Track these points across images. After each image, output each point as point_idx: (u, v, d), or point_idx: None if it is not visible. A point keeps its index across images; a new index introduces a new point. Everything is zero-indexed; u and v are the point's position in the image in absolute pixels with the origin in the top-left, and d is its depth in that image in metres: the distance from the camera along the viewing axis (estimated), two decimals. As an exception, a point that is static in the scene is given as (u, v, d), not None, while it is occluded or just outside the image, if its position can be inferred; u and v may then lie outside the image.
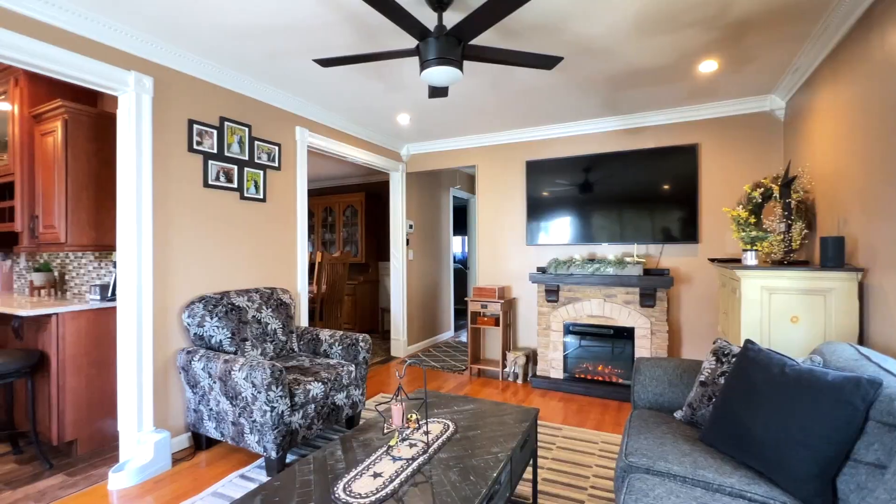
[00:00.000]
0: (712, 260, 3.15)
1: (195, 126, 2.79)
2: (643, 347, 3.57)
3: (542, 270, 3.97)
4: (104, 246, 2.87)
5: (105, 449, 2.69)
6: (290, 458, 2.56)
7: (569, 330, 3.89)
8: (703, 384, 1.87)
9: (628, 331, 3.68)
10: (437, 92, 2.58)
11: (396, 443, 1.66)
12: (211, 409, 2.49)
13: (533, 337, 4.35)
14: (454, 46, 2.01)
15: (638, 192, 3.81)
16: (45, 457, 2.47)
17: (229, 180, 3.01)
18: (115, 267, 2.98)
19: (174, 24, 2.35)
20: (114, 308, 2.74)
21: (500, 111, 3.79)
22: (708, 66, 2.87)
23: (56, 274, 3.34)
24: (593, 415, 3.25)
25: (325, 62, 2.23)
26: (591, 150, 4.10)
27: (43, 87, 2.88)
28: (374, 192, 6.71)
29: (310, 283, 5.22)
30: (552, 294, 3.87)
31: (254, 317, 2.87)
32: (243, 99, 3.12)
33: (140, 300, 2.47)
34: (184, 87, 2.74)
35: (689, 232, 3.65)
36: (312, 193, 7.25)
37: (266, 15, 2.26)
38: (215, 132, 2.92)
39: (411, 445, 1.68)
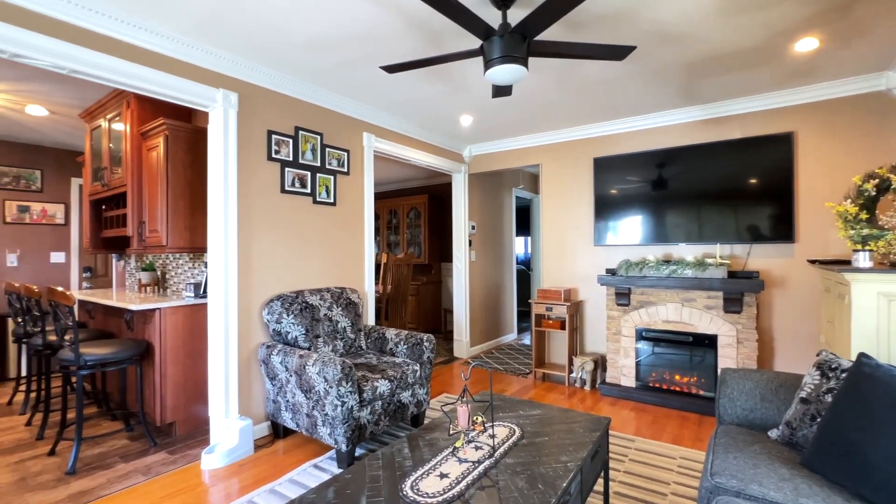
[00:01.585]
0: (813, 261, 2.80)
1: (273, 136, 3.00)
2: (728, 357, 3.26)
3: (611, 272, 3.77)
4: (197, 248, 3.17)
5: (198, 432, 2.97)
6: (358, 451, 2.65)
7: (641, 336, 3.66)
8: (805, 401, 1.66)
9: (710, 338, 3.38)
10: (501, 91, 2.54)
11: (462, 444, 1.65)
12: (287, 401, 2.66)
13: (601, 342, 4.15)
14: (519, 43, 1.97)
15: (720, 188, 3.50)
16: (151, 435, 2.78)
17: (303, 186, 3.20)
18: (206, 267, 3.28)
19: (255, 43, 2.54)
20: (205, 304, 3.02)
21: (566, 107, 3.66)
22: (807, 45, 2.56)
23: (159, 273, 3.76)
24: (670, 427, 3.03)
25: (391, 68, 2.29)
26: (665, 144, 3.84)
27: (148, 108, 3.25)
28: (436, 194, 6.80)
29: (375, 284, 5.41)
30: (623, 297, 3.67)
31: (325, 315, 3.01)
32: (315, 108, 3.30)
33: (227, 297, 2.70)
34: (263, 100, 2.95)
35: (782, 230, 3.28)
36: (377, 196, 7.51)
37: (335, 27, 2.37)
38: (291, 141, 3.11)
39: (477, 448, 1.66)
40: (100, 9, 2.15)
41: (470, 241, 5.08)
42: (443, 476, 1.48)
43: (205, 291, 3.10)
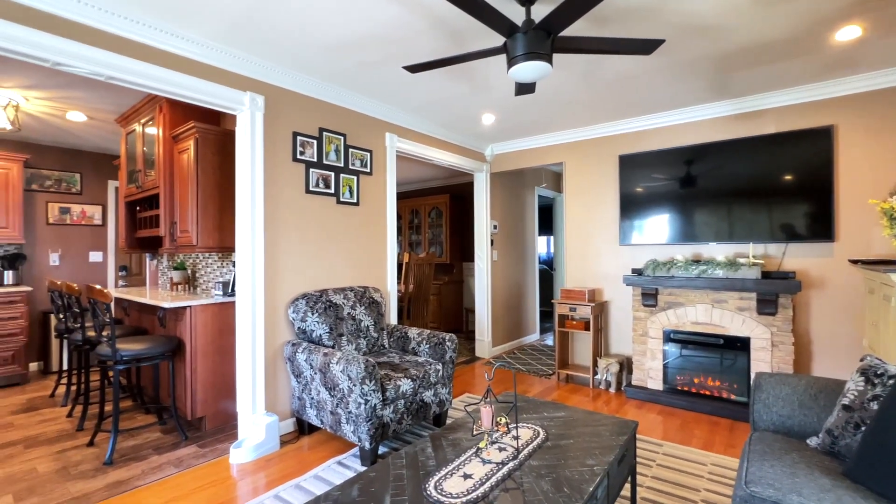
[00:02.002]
0: (855, 261, 2.66)
1: (298, 137, 3.05)
2: (762, 361, 3.14)
3: (637, 272, 3.68)
4: (226, 248, 3.26)
5: (227, 426, 3.05)
6: (381, 449, 2.67)
7: (669, 337, 3.56)
8: (848, 409, 1.58)
9: (742, 341, 3.26)
10: (524, 88, 2.51)
11: (486, 445, 1.64)
12: (312, 398, 2.70)
13: (627, 343, 4.06)
14: (543, 40, 1.94)
15: (752, 185, 3.37)
16: (182, 429, 2.87)
17: (327, 186, 3.24)
18: (234, 266, 3.36)
19: (281, 46, 2.59)
20: (233, 302, 3.10)
21: (590, 104, 3.59)
22: (849, 33, 2.43)
23: (189, 272, 3.88)
24: (700, 432, 2.93)
25: (414, 68, 2.30)
26: (693, 140, 3.72)
27: (179, 112, 3.35)
28: (458, 194, 6.79)
29: (397, 283, 5.44)
30: (650, 298, 3.57)
31: (349, 313, 3.05)
32: (339, 109, 3.34)
33: (254, 296, 2.76)
34: (289, 102, 3.00)
35: (820, 228, 3.14)
36: (399, 196, 7.56)
37: (358, 29, 2.39)
38: (315, 142, 3.16)
39: (501, 449, 1.65)
40: (135, 17, 2.23)
41: (492, 241, 5.06)
42: (466, 476, 1.47)
43: (233, 290, 3.18)
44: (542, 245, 9.96)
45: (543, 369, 4.44)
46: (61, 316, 3.44)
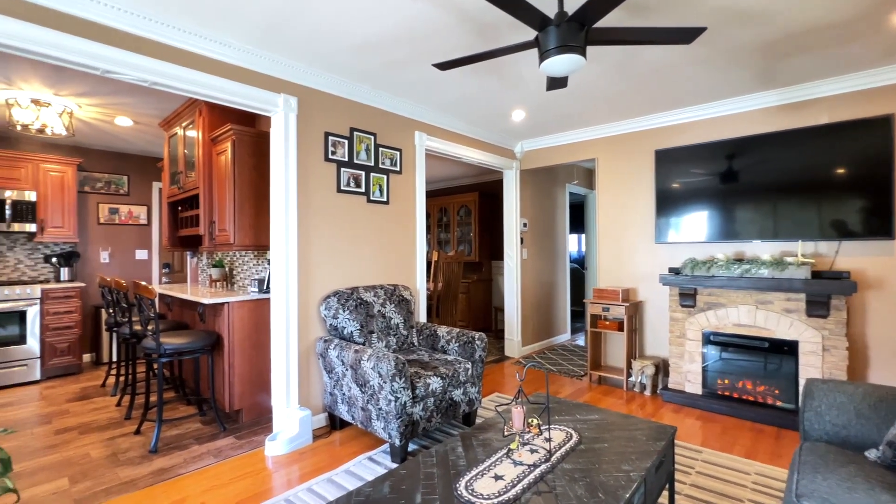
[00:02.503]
0: (918, 260, 2.46)
1: (330, 138, 3.10)
2: (811, 366, 2.96)
3: (674, 271, 3.55)
4: (261, 246, 3.36)
5: (262, 419, 3.15)
6: (411, 447, 2.68)
7: (709, 339, 3.41)
8: (913, 420, 1.46)
9: (789, 345, 3.08)
10: (556, 83, 2.46)
11: (517, 447, 1.61)
12: (344, 394, 2.74)
13: (663, 345, 3.92)
14: (577, 32, 1.88)
15: (800, 179, 3.17)
16: (221, 421, 2.98)
17: (357, 185, 3.28)
18: (269, 264, 3.46)
19: (312, 48, 2.64)
20: (268, 299, 3.19)
21: (625, 97, 3.48)
22: (912, 13, 2.25)
23: (227, 269, 4.02)
24: (742, 440, 2.79)
25: (444, 65, 2.28)
26: (735, 133, 3.54)
27: (217, 115, 3.47)
28: (487, 192, 6.75)
29: (426, 281, 5.46)
30: (688, 298, 3.43)
31: (379, 311, 3.08)
32: (369, 109, 3.37)
33: (287, 293, 2.83)
34: (321, 103, 3.06)
35: (878, 225, 2.92)
36: (428, 195, 7.58)
37: (387, 28, 2.40)
38: (346, 142, 3.20)
39: (532, 451, 1.62)
40: (177, 24, 2.32)
41: (521, 239, 4.99)
42: (497, 478, 1.45)
43: (268, 287, 3.27)
44: (572, 243, 9.77)
45: (575, 370, 4.35)
46: (111, 311, 3.64)
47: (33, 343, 4.13)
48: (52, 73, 2.99)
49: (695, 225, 3.64)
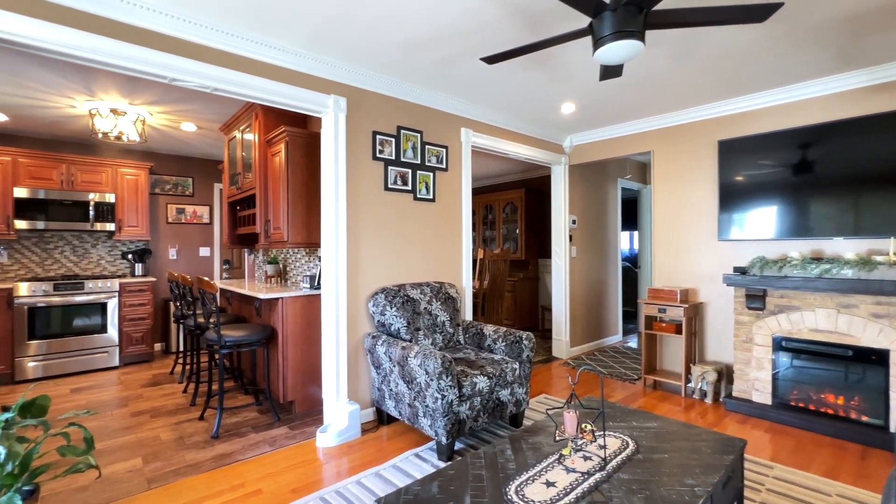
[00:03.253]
0: None
1: (378, 136, 3.14)
2: (904, 378, 2.64)
3: (740, 271, 3.29)
4: (312, 243, 3.46)
5: (313, 411, 3.25)
6: (457, 445, 2.67)
7: (780, 345, 3.14)
8: None
9: (878, 354, 2.76)
10: (611, 72, 2.34)
11: (570, 453, 1.55)
12: (391, 390, 2.77)
13: (726, 350, 3.65)
14: (635, 16, 1.77)
15: (891, 168, 2.83)
16: (276, 411, 3.11)
17: (404, 183, 3.30)
18: (319, 261, 3.57)
19: (361, 48, 2.67)
20: (319, 295, 3.29)
21: (685, 85, 3.26)
22: None
23: (281, 266, 4.19)
24: (821, 457, 2.54)
25: (491, 59, 2.23)
26: (810, 119, 3.22)
27: (272, 118, 3.62)
28: (534, 188, 6.60)
29: (472, 279, 5.43)
30: (756, 300, 3.17)
31: (425, 308, 3.08)
32: (415, 107, 3.38)
33: (337, 289, 2.89)
34: (368, 102, 3.10)
35: None
36: (473, 192, 7.53)
37: (434, 24, 2.38)
38: (393, 140, 3.23)
39: (586, 458, 1.54)
40: (235, 31, 2.43)
41: (570, 237, 4.84)
42: (549, 484, 1.39)
43: (318, 283, 3.37)
44: (624, 241, 9.37)
45: (627, 373, 4.16)
46: (178, 304, 3.91)
47: (113, 332, 4.52)
48: (127, 84, 3.23)
49: (763, 221, 3.35)
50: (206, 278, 2.95)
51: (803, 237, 3.18)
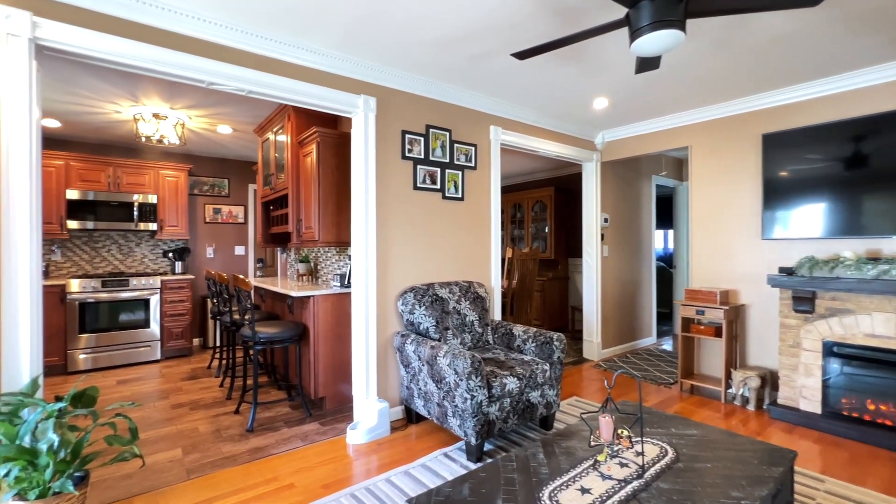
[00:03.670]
0: None
1: (407, 136, 3.14)
2: (975, 389, 2.43)
3: (786, 272, 3.11)
4: (342, 242, 3.51)
5: (343, 408, 3.30)
6: (487, 446, 2.64)
7: (831, 351, 2.95)
8: None
9: (943, 361, 2.55)
10: (647, 64, 2.25)
11: (605, 459, 1.49)
12: (420, 388, 2.77)
13: (770, 354, 3.47)
14: (675, 4, 1.70)
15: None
16: (307, 407, 3.17)
17: (433, 182, 3.30)
18: (349, 259, 3.61)
19: (390, 48, 2.68)
20: (349, 293, 3.33)
21: (726, 76, 3.11)
22: None
23: (312, 264, 4.27)
24: (879, 471, 2.37)
25: (522, 54, 2.19)
26: (864, 110, 3.01)
27: (304, 119, 3.69)
28: (563, 186, 6.48)
29: (500, 279, 5.37)
30: (804, 302, 2.99)
31: (454, 308, 3.07)
32: (444, 105, 3.37)
33: (367, 287, 2.92)
34: (398, 102, 3.11)
35: None
36: (501, 190, 7.46)
37: (464, 21, 2.36)
38: (422, 139, 3.23)
39: (622, 465, 1.49)
40: (270, 35, 2.48)
41: (602, 235, 4.71)
42: (584, 491, 1.35)
43: (348, 282, 3.41)
44: (658, 240, 9.08)
45: (662, 377, 4.02)
46: (214, 301, 4.04)
47: (155, 327, 4.73)
48: (168, 89, 3.36)
49: (811, 218, 3.16)
50: (241, 276, 3.04)
51: (856, 235, 2.98)
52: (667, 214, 8.35)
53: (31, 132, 1.92)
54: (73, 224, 4.53)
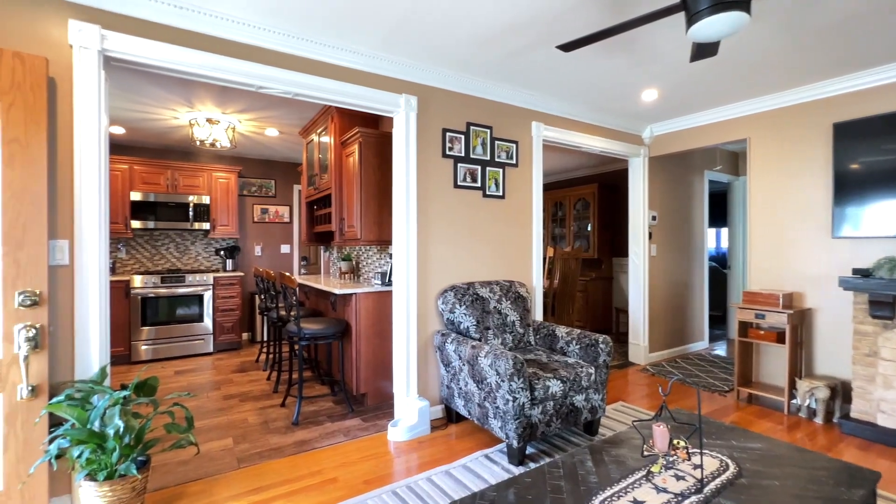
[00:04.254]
0: None
1: (447, 134, 3.12)
2: None
3: (861, 274, 2.84)
4: (383, 241, 3.55)
5: (384, 405, 3.33)
6: (529, 449, 2.58)
7: (915, 361, 2.66)
8: None
9: None
10: (704, 51, 2.11)
11: (660, 470, 1.41)
12: (460, 388, 2.75)
13: (841, 363, 3.18)
14: (738, -16, 1.57)
15: None
16: (349, 402, 3.22)
17: (473, 180, 3.26)
18: (390, 258, 3.65)
19: (431, 46, 2.66)
20: (389, 291, 3.35)
21: (791, 62, 2.88)
22: None
23: (354, 262, 4.35)
24: (974, 498, 2.11)
25: (568, 46, 2.11)
26: (965, 91, 2.69)
27: (346, 120, 3.76)
28: (607, 183, 6.26)
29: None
30: (882, 307, 2.72)
31: (495, 307, 3.02)
32: (485, 103, 3.32)
33: (408, 286, 2.93)
34: (438, 100, 3.10)
35: None
36: (542, 188, 7.31)
37: (507, 15, 2.30)
38: (463, 137, 3.20)
39: (678, 478, 1.40)
40: (315, 38, 2.53)
41: (650, 234, 4.50)
42: (637, 504, 1.28)
43: (389, 280, 3.44)
44: (710, 239, 8.61)
45: (716, 384, 3.79)
46: (262, 297, 4.20)
47: (208, 321, 4.98)
48: (220, 94, 3.52)
49: (889, 215, 2.86)
50: (287, 274, 3.13)
51: (947, 234, 2.67)
52: (720, 212, 7.89)
53: (100, 139, 2.05)
54: (136, 224, 4.85)
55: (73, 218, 2.00)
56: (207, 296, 4.99)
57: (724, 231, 8.29)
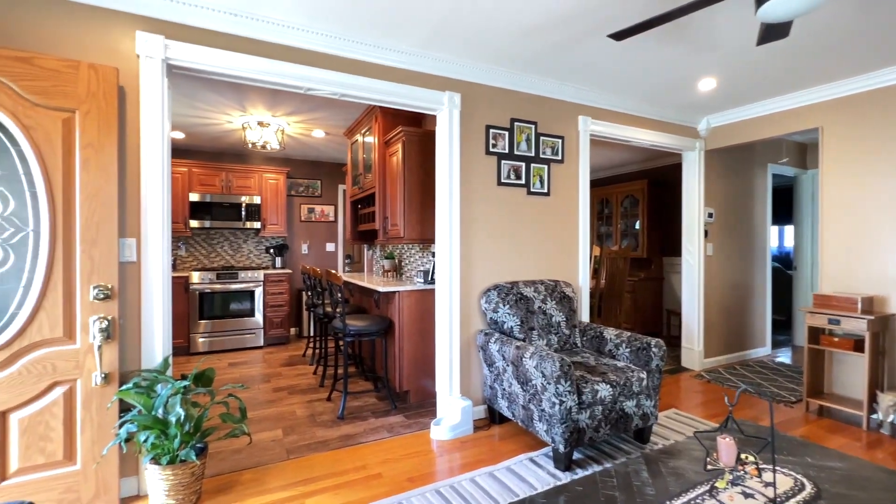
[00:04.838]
0: None
1: (491, 130, 3.08)
2: None
3: (959, 275, 2.52)
4: (426, 239, 3.55)
5: (427, 403, 3.34)
6: (576, 455, 2.49)
7: None
8: None
9: None
10: (774, 33, 1.94)
11: (726, 486, 1.31)
12: (504, 389, 2.70)
13: (932, 376, 2.85)
14: (817, -45, 1.42)
15: None
16: (392, 399, 3.25)
17: (518, 177, 3.19)
18: (433, 256, 3.65)
19: (474, 42, 2.63)
20: (432, 290, 3.35)
21: (872, 41, 2.60)
22: None
23: (397, 261, 4.40)
24: None
25: (621, 34, 2.01)
26: None
27: (390, 119, 3.79)
28: (658, 179, 5.97)
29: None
30: None
31: (539, 307, 2.95)
32: (529, 98, 3.24)
33: (451, 284, 2.91)
34: (481, 96, 3.05)
35: None
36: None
37: (553, 5, 2.22)
38: (506, 133, 3.14)
39: (746, 495, 1.29)
40: (360, 38, 2.56)
41: (706, 232, 4.24)
42: (701, 521, 1.19)
43: (432, 278, 3.44)
44: (773, 238, 8.02)
45: (780, 393, 3.51)
46: (309, 293, 4.34)
47: (259, 317, 5.21)
48: (271, 97, 3.66)
49: None
50: (332, 271, 3.21)
51: None
52: (784, 209, 7.33)
53: (163, 143, 2.17)
54: (194, 223, 5.14)
55: (139, 218, 2.14)
56: (258, 292, 5.21)
57: (789, 229, 7.69)
